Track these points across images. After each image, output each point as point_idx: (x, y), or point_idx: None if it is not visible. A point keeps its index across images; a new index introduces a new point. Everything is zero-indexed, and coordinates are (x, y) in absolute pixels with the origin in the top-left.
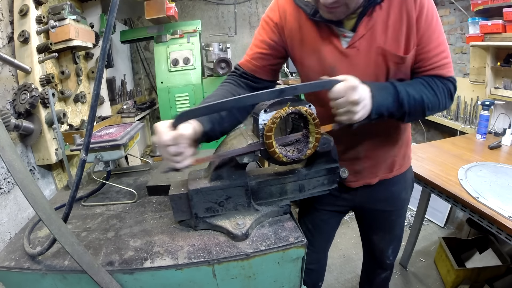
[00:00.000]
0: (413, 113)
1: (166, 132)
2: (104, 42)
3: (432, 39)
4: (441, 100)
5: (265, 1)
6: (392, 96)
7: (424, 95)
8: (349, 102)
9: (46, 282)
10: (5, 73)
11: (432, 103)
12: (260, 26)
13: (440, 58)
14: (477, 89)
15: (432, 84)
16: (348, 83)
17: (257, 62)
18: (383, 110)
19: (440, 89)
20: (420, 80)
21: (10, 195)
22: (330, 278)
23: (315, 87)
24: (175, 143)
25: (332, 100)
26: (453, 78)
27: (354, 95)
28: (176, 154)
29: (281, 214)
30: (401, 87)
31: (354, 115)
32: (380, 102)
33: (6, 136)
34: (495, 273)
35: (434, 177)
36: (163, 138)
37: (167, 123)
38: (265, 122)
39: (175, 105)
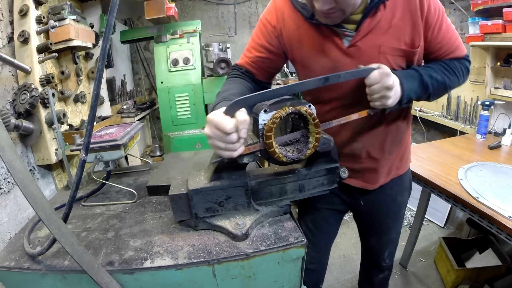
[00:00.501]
0: (437, 93)
1: (227, 120)
2: (104, 42)
3: (442, 29)
4: (460, 77)
5: (265, 1)
6: (417, 80)
7: (445, 76)
8: (384, 87)
9: (46, 282)
10: (5, 73)
11: (452, 81)
12: (258, 28)
13: (452, 43)
14: (477, 89)
15: (451, 65)
16: (383, 70)
17: (256, 65)
18: (412, 94)
19: (458, 68)
20: (440, 63)
21: (10, 195)
22: (330, 278)
23: (355, 74)
24: (237, 130)
25: (368, 87)
26: (467, 55)
27: (389, 80)
28: (237, 141)
29: (281, 214)
30: (424, 71)
31: (388, 100)
32: (409, 87)
33: (6, 136)
34: (495, 273)
35: (434, 177)
36: (228, 126)
37: (221, 112)
38: (265, 122)
39: (175, 105)
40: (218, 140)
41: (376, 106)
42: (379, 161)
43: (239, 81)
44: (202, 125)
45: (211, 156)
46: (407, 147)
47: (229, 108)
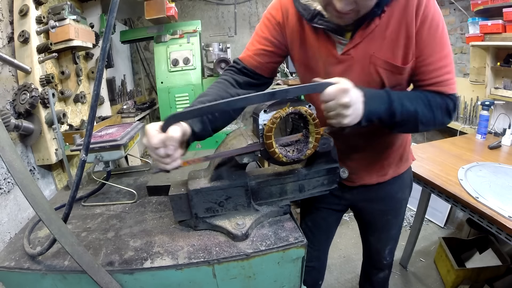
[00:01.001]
0: (405, 125)
1: (155, 135)
2: (104, 42)
3: (435, 51)
4: (437, 117)
5: (265, 1)
6: (386, 104)
7: (419, 109)
8: (339, 104)
9: (46, 282)
10: (5, 73)
11: (426, 118)
12: (261, 23)
13: (441, 73)
14: (477, 89)
15: (431, 99)
16: (340, 85)
17: (259, 59)
18: (374, 117)
19: (438, 105)
20: (418, 93)
21: (10, 195)
22: (330, 278)
23: (306, 89)
24: (164, 145)
25: (323, 103)
26: (454, 96)
27: (345, 98)
28: (165, 156)
29: (281, 214)
30: (395, 96)
31: (344, 119)
32: (372, 108)
33: (6, 136)
34: (495, 273)
35: (434, 177)
36: (152, 141)
37: (157, 125)
38: (265, 122)
39: (175, 105)
40: (150, 152)
41: (332, 124)
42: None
43: (223, 86)
44: None
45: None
46: (406, 146)
47: (165, 122)
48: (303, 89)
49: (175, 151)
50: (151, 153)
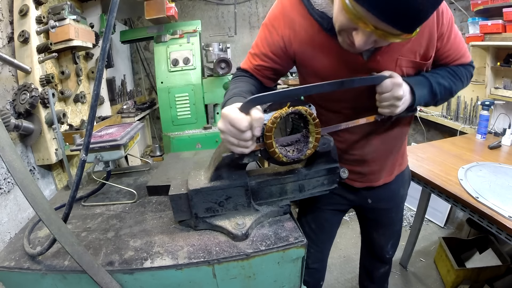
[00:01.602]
0: (444, 99)
1: (244, 118)
2: (104, 42)
3: (450, 38)
4: (464, 83)
5: (265, 1)
6: (427, 88)
7: (452, 83)
8: (394, 97)
9: (46, 282)
10: (5, 73)
11: (457, 87)
12: (262, 33)
13: (459, 51)
14: (477, 89)
15: (458, 72)
16: (395, 80)
17: (260, 73)
18: (422, 102)
19: (464, 74)
20: (448, 70)
21: (10, 195)
22: (330, 278)
23: (368, 81)
24: (251, 128)
25: (379, 94)
26: (472, 62)
27: (399, 91)
28: (251, 139)
29: (281, 214)
30: (433, 78)
31: (396, 109)
32: (420, 95)
33: (6, 136)
34: (495, 273)
35: (434, 177)
36: (242, 124)
37: (236, 109)
38: (265, 122)
39: (175, 105)
40: (232, 136)
41: (384, 113)
42: (385, 162)
43: (247, 80)
44: (202, 125)
45: (215, 152)
46: (406, 144)
47: (245, 105)
48: (365, 80)
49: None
50: (230, 137)
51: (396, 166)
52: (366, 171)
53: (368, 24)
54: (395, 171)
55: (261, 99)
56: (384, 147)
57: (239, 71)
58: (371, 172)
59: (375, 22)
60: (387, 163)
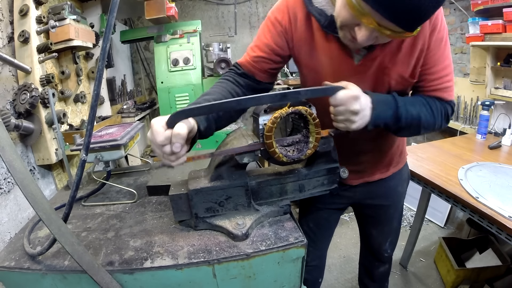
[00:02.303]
0: (408, 129)
1: (161, 132)
2: (104, 42)
3: (439, 61)
4: (437, 121)
5: (265, 1)
6: (392, 110)
7: (422, 114)
8: (349, 111)
9: (46, 282)
10: (5, 73)
11: (428, 123)
12: (265, 26)
13: (443, 81)
14: (477, 89)
15: (432, 105)
16: (351, 92)
17: (257, 65)
18: (380, 122)
19: (439, 111)
20: (421, 99)
21: (10, 195)
22: (330, 278)
23: (317, 92)
24: (170, 142)
25: (332, 107)
26: (453, 102)
27: (355, 105)
28: (171, 154)
29: (281, 214)
30: (402, 102)
31: (352, 124)
32: (379, 114)
33: (6, 136)
34: (495, 273)
35: (434, 177)
36: (158, 138)
37: (162, 121)
38: (265, 122)
39: (175, 105)
40: (155, 147)
41: (339, 127)
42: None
43: (226, 86)
44: None
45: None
46: (404, 142)
47: (171, 118)
48: (314, 92)
49: (181, 148)
50: (155, 149)
51: (393, 163)
52: (359, 169)
53: (371, 21)
54: (391, 168)
55: (188, 113)
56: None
57: (230, 70)
58: (364, 170)
59: (379, 19)
60: (381, 160)
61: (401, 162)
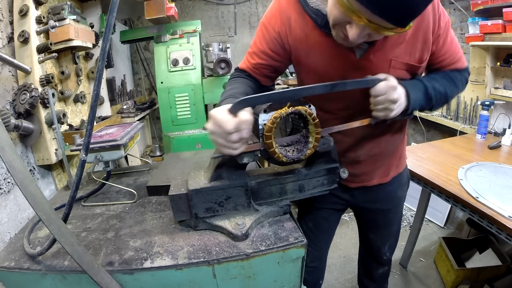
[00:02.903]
0: (439, 104)
1: (229, 120)
2: (104, 42)
3: (446, 41)
4: (459, 88)
5: (265, 1)
6: (422, 92)
7: (447, 88)
8: (388, 100)
9: (46, 282)
10: (5, 73)
11: (453, 92)
12: (260, 32)
13: (455, 55)
14: (477, 89)
15: (453, 77)
16: (390, 83)
17: (258, 71)
18: (417, 107)
19: (459, 79)
20: (442, 74)
21: (10, 195)
22: (330, 278)
23: (362, 84)
24: (238, 129)
25: (373, 97)
26: (467, 67)
27: (394, 94)
28: (238, 141)
29: (281, 214)
30: (429, 83)
31: (391, 112)
32: (415, 100)
33: (6, 136)
34: (495, 273)
35: (434, 177)
36: (228, 126)
37: (225, 110)
38: (265, 122)
39: (175, 105)
40: (219, 137)
41: (378, 116)
42: (378, 164)
43: (243, 81)
44: (202, 125)
45: (213, 153)
46: (405, 146)
47: (234, 107)
48: (359, 83)
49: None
50: (218, 138)
51: (393, 167)
52: (359, 172)
53: (361, 18)
54: (391, 173)
55: (251, 101)
56: (377, 150)
57: (237, 72)
58: (364, 173)
59: (369, 16)
60: (380, 165)
61: (401, 166)
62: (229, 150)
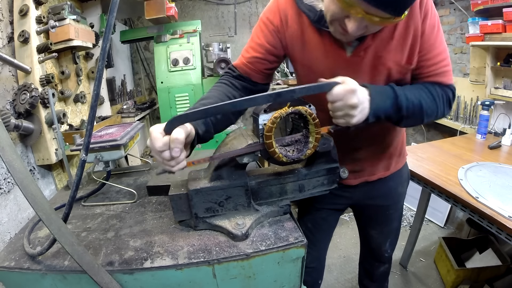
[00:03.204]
0: (411, 118)
1: (159, 138)
2: (104, 42)
3: (434, 46)
4: (440, 107)
5: (265, 1)
6: (391, 99)
7: (423, 101)
8: (347, 105)
9: (46, 282)
10: (5, 73)
11: (430, 109)
12: (258, 27)
13: (441, 66)
14: (477, 89)
15: (432, 91)
16: (347, 86)
17: (253, 66)
18: (381, 114)
19: (440, 96)
20: (420, 86)
21: (10, 195)
22: (330, 278)
23: (313, 89)
24: (169, 148)
25: (330, 103)
26: (452, 86)
27: (353, 99)
28: (170, 159)
29: (281, 214)
30: (400, 91)
31: (352, 119)
32: (379, 105)
33: (6, 136)
34: (495, 273)
35: (434, 177)
36: (157, 144)
37: (161, 127)
38: (265, 122)
39: (175, 105)
40: (155, 154)
41: (339, 123)
42: (377, 158)
43: (222, 89)
44: None
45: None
46: (404, 141)
47: (168, 124)
48: (309, 89)
49: (180, 153)
50: (155, 155)
51: (393, 163)
52: (359, 168)
53: (359, 10)
54: (391, 168)
55: (185, 118)
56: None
57: (228, 71)
58: (363, 169)
59: (366, 8)
60: (379, 160)
61: (401, 162)
62: (166, 167)
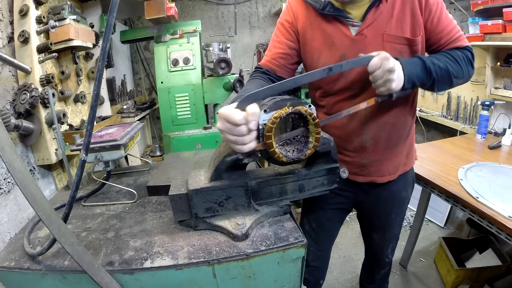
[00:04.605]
0: (442, 81)
1: (237, 112)
2: (104, 42)
3: (441, 19)
4: (464, 68)
5: (265, 1)
6: (420, 65)
7: (448, 64)
8: (386, 70)
9: (46, 282)
10: (5, 73)
11: (456, 71)
12: (276, 29)
13: (453, 33)
14: (477, 89)
15: (453, 54)
16: (382, 54)
17: (277, 62)
18: (414, 78)
19: (461, 57)
20: (442, 53)
21: (10, 195)
22: (330, 278)
23: (356, 63)
24: (247, 122)
25: (370, 74)
26: (469, 47)
27: (389, 63)
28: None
29: (281, 214)
30: (426, 58)
31: (392, 83)
32: (410, 71)
33: (6, 136)
34: (495, 273)
35: (434, 177)
36: (237, 117)
37: (232, 106)
38: (265, 122)
39: (175, 105)
40: (229, 134)
41: (381, 92)
42: (386, 154)
43: (257, 82)
44: (202, 125)
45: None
46: (412, 144)
47: (241, 102)
48: (353, 63)
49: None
50: (227, 134)
51: (401, 165)
52: (367, 162)
53: None
54: (399, 170)
55: (256, 95)
56: (383, 134)
57: (255, 71)
58: (372, 163)
59: None
60: (388, 154)
61: (408, 165)
62: (240, 147)
